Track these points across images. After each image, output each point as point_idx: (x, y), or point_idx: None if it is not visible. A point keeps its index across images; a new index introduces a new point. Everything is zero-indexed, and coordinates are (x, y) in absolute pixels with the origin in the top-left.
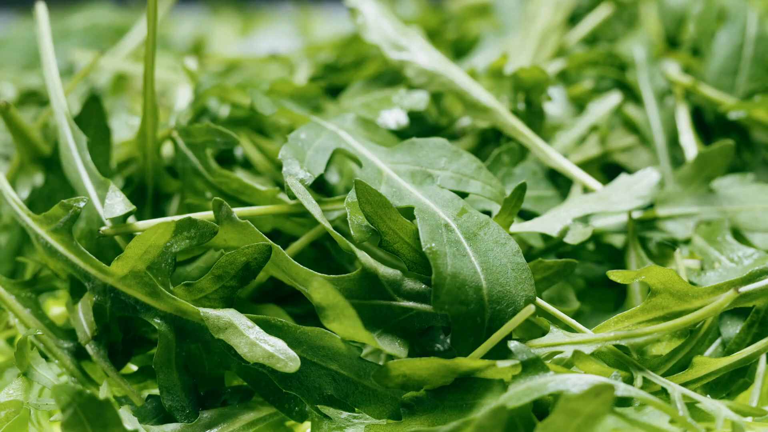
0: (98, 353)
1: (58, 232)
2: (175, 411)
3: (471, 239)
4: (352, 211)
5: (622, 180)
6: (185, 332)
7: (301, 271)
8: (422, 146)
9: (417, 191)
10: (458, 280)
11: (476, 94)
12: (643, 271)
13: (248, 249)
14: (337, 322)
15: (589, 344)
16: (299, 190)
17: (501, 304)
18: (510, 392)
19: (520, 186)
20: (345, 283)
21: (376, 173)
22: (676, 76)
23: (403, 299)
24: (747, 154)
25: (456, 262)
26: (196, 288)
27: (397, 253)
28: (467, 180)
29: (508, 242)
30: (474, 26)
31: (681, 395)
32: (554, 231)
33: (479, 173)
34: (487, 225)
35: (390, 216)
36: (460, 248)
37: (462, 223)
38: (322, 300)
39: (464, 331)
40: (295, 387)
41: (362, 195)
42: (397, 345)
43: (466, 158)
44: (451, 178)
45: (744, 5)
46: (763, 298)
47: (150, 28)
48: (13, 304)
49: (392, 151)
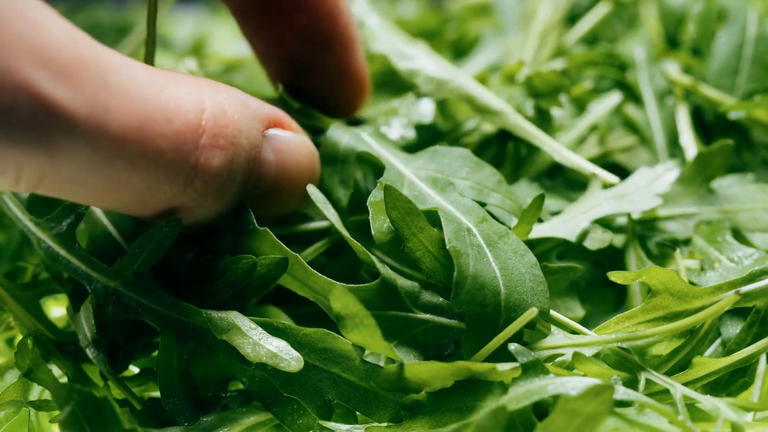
0: (98, 356)
1: (60, 235)
2: (176, 414)
3: (492, 246)
4: (374, 212)
5: (642, 174)
6: (187, 335)
7: (320, 279)
8: (444, 155)
9: (439, 197)
10: (479, 281)
11: (486, 99)
12: (643, 272)
13: (266, 260)
14: (356, 332)
15: (589, 346)
16: (319, 199)
17: (517, 312)
18: (510, 394)
19: (539, 196)
20: (364, 293)
21: (398, 177)
22: (676, 76)
23: (420, 311)
24: (747, 154)
25: (477, 264)
26: (208, 292)
27: (418, 260)
28: (488, 192)
29: (526, 254)
30: (474, 26)
31: (683, 396)
32: (572, 236)
33: (500, 186)
34: (507, 235)
35: (417, 223)
36: (481, 252)
37: (483, 230)
38: (342, 309)
39: (477, 333)
40: (296, 391)
41: (390, 199)
42: (413, 357)
43: (488, 171)
44: (471, 189)
45: (744, 5)
46: (763, 298)
47: (150, 28)
48: (14, 306)
49: (414, 158)
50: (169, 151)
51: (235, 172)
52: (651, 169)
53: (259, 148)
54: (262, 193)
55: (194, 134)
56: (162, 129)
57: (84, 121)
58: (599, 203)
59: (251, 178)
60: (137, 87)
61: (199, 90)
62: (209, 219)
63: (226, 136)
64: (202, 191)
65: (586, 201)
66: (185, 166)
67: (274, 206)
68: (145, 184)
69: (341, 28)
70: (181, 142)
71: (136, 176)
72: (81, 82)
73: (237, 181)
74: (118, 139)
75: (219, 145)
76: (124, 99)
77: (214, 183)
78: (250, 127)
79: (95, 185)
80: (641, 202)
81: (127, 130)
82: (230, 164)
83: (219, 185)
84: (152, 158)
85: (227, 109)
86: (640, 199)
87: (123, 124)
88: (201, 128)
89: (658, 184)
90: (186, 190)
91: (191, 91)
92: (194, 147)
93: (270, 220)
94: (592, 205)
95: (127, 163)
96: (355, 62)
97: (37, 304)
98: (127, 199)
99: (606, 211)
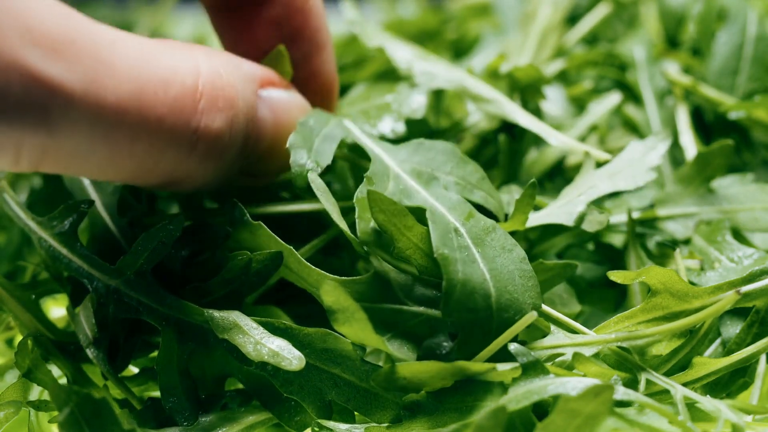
0: (98, 356)
1: (62, 234)
2: (175, 413)
3: (479, 245)
4: (360, 209)
5: (633, 148)
6: (187, 334)
7: (313, 272)
8: (430, 148)
9: (425, 192)
10: (468, 287)
11: (480, 89)
12: (643, 272)
13: (261, 256)
14: (347, 326)
15: (589, 346)
16: (319, 187)
17: (509, 312)
18: (510, 395)
19: (531, 184)
20: (356, 285)
21: (383, 169)
22: (676, 76)
23: (413, 304)
24: (747, 154)
25: (466, 268)
26: (204, 290)
27: (410, 258)
28: (471, 189)
29: (514, 248)
30: (474, 26)
31: (683, 397)
32: (570, 221)
33: (483, 183)
34: (494, 230)
35: (404, 223)
36: (469, 254)
37: (470, 228)
38: (332, 303)
39: (471, 339)
40: (296, 391)
41: (375, 203)
42: (406, 350)
43: (472, 167)
44: (456, 184)
45: (744, 5)
46: (763, 298)
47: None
48: (14, 306)
49: (399, 149)
50: (168, 117)
51: (236, 133)
52: (642, 141)
53: (255, 108)
54: (262, 152)
55: (192, 99)
56: (159, 97)
57: (81, 96)
58: (594, 184)
59: (251, 137)
60: (131, 58)
61: (192, 56)
62: (213, 184)
63: (223, 99)
64: (206, 155)
65: (581, 182)
66: (187, 131)
67: (274, 164)
68: (147, 153)
69: (312, 26)
70: (179, 107)
71: (138, 146)
72: (74, 58)
73: (238, 141)
74: (117, 110)
75: (218, 107)
76: (119, 71)
77: (216, 146)
78: (245, 88)
79: (98, 158)
80: (636, 178)
81: (125, 102)
82: (231, 126)
83: (222, 147)
84: (152, 127)
85: (222, 73)
86: (634, 175)
87: (120, 96)
88: (198, 93)
89: (651, 157)
90: (190, 156)
91: (185, 57)
92: (193, 112)
93: (270, 178)
94: (587, 187)
95: (127, 134)
96: (324, 64)
97: (37, 304)
98: (131, 169)
99: (602, 191)
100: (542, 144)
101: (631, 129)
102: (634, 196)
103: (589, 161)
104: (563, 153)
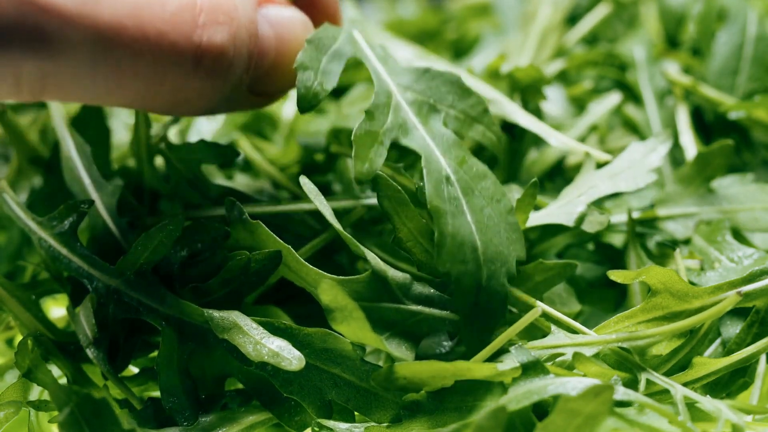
0: (98, 356)
1: (62, 234)
2: (175, 413)
3: (468, 194)
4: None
5: (634, 149)
6: (187, 334)
7: (311, 271)
8: (435, 78)
9: (422, 128)
10: (457, 239)
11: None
12: (643, 271)
13: (259, 256)
14: (345, 325)
15: (589, 346)
16: (312, 191)
17: (495, 264)
18: (510, 394)
19: (533, 183)
20: (354, 285)
21: (386, 98)
22: (676, 76)
23: (411, 303)
24: (747, 154)
25: (455, 221)
26: (203, 290)
27: (409, 251)
28: (470, 122)
29: (502, 199)
30: (474, 26)
31: (683, 397)
32: (570, 221)
33: (483, 117)
34: (485, 178)
35: (407, 214)
36: (458, 205)
37: (461, 177)
38: (330, 302)
39: (465, 290)
40: (296, 391)
41: (382, 188)
42: (404, 349)
43: (474, 99)
44: (456, 119)
45: (744, 5)
46: (763, 298)
47: None
48: (14, 306)
49: (405, 72)
50: (169, 33)
51: (240, 47)
52: (643, 143)
53: (255, 23)
54: (266, 69)
55: (191, 14)
56: (157, 12)
57: (76, 15)
58: (594, 184)
59: (254, 54)
60: None
61: None
62: (220, 107)
63: (224, 13)
64: (211, 71)
65: (581, 183)
66: (190, 45)
67: (280, 81)
68: (151, 70)
69: None
70: (179, 22)
71: (141, 64)
72: None
73: (243, 57)
74: (115, 27)
75: (219, 21)
76: None
77: (221, 61)
78: (244, 4)
79: (102, 81)
80: (636, 179)
81: (122, 18)
82: (234, 40)
83: (227, 63)
84: (153, 42)
85: None
86: (635, 176)
87: (116, 12)
88: (197, 7)
89: (651, 158)
90: (196, 72)
91: None
92: (194, 26)
93: (276, 97)
94: (588, 187)
95: (129, 51)
96: None
97: (37, 304)
98: (136, 90)
99: (602, 191)
100: (542, 144)
101: (631, 129)
102: (634, 196)
103: (590, 161)
104: (563, 153)
